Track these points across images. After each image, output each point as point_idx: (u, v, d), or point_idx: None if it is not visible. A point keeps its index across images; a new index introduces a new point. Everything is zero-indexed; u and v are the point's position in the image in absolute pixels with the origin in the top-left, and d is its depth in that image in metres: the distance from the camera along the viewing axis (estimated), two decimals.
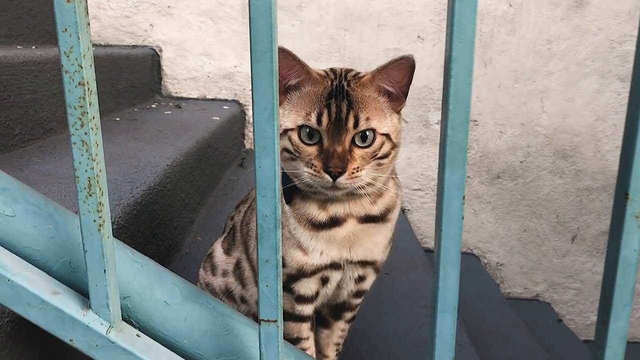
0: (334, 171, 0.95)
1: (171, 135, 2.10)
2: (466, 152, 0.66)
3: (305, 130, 0.98)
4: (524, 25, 2.99)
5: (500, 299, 2.98)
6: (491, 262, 3.41)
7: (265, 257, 0.68)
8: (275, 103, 0.63)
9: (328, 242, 1.07)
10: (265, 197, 0.66)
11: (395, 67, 0.99)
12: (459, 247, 0.70)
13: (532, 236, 3.34)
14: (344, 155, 0.96)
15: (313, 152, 0.98)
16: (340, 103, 0.97)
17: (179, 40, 3.01)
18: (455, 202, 0.67)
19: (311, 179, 0.98)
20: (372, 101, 1.01)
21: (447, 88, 0.64)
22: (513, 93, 3.09)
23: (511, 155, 3.20)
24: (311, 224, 1.06)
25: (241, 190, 2.46)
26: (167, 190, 1.63)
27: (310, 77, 1.01)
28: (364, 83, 1.01)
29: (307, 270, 1.08)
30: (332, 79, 1.02)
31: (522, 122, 3.14)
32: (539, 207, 3.29)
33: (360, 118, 0.98)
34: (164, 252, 1.63)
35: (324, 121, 0.97)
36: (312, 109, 0.98)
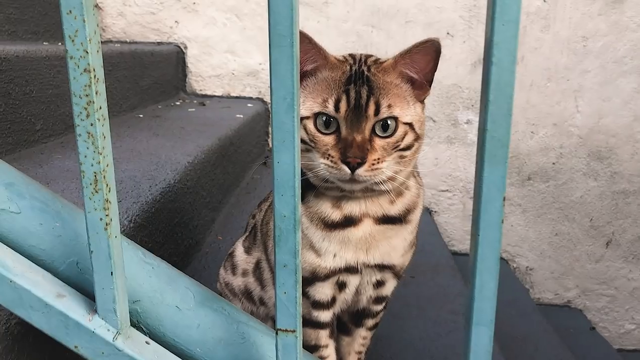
0: (352, 162, 0.88)
1: (193, 132, 2.07)
2: (508, 149, 0.59)
3: (322, 118, 0.91)
4: (558, 22, 2.88)
5: (530, 305, 2.89)
6: (520, 267, 3.30)
7: (283, 262, 0.62)
8: (295, 92, 0.58)
9: (342, 244, 1.00)
10: (283, 196, 0.60)
11: (419, 52, 0.92)
12: (498, 254, 0.63)
13: (564, 240, 3.22)
14: (364, 145, 0.90)
15: (330, 142, 0.91)
16: (360, 89, 0.90)
17: (204, 37, 2.99)
18: (494, 204, 0.60)
19: (327, 171, 0.91)
20: (395, 88, 0.94)
21: (487, 76, 0.57)
22: (546, 92, 2.98)
23: (543, 157, 3.09)
24: (324, 223, 1.00)
25: (264, 189, 2.42)
26: (188, 188, 1.59)
27: (327, 62, 0.94)
28: (386, 68, 0.94)
29: (321, 274, 1.01)
30: (350, 64, 0.95)
31: (554, 122, 3.03)
32: (572, 210, 3.17)
33: (382, 105, 0.91)
34: (183, 252, 1.59)
35: (342, 108, 0.90)
36: (330, 95, 0.91)
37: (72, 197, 1.20)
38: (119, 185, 1.34)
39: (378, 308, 1.17)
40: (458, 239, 3.23)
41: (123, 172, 1.46)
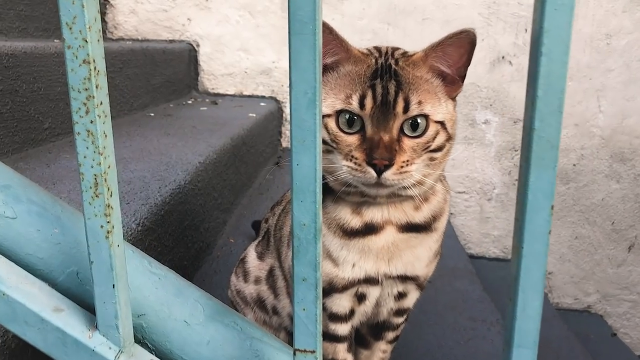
0: (379, 164, 0.80)
1: (205, 131, 2.01)
2: (557, 151, 0.52)
3: (345, 116, 0.84)
4: (580, 19, 2.78)
5: (549, 310, 2.80)
6: None
7: (302, 275, 0.56)
8: (318, 86, 0.51)
9: (361, 253, 0.93)
10: (303, 202, 0.54)
11: (452, 44, 0.84)
12: (544, 269, 0.56)
13: (584, 244, 3.13)
14: (392, 145, 0.82)
15: (354, 142, 0.84)
16: (387, 84, 0.83)
17: (217, 35, 2.93)
18: (541, 214, 0.53)
19: (351, 174, 0.83)
20: (425, 83, 0.86)
21: (535, 69, 0.50)
22: (567, 91, 2.86)
23: (563, 158, 3.00)
24: (342, 231, 0.92)
25: (277, 190, 2.36)
26: (199, 189, 1.53)
27: (350, 55, 0.87)
28: (415, 62, 0.87)
29: (338, 285, 0.94)
30: (376, 57, 0.88)
31: (576, 122, 2.93)
32: (593, 213, 3.08)
33: (411, 101, 0.83)
34: (193, 255, 1.53)
35: (367, 104, 0.83)
36: (354, 91, 0.84)
37: (78, 198, 1.15)
38: (127, 186, 1.28)
39: (399, 321, 1.10)
40: (475, 242, 3.15)
41: (132, 172, 1.41)
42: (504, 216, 3.10)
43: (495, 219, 3.12)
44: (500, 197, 3.08)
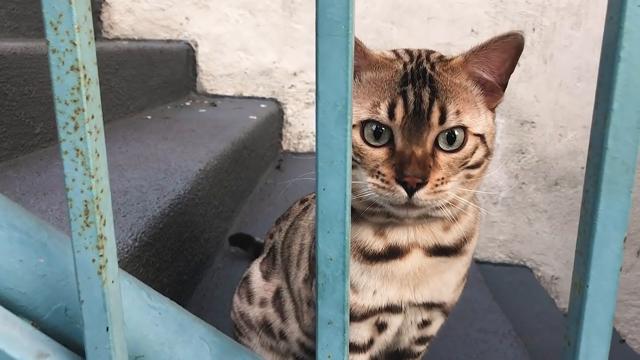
0: (410, 182, 0.71)
1: (205, 135, 1.93)
2: (634, 174, 0.44)
3: (371, 127, 0.74)
4: (590, 18, 2.71)
5: (558, 317, 2.75)
6: (545, 275, 3.15)
7: (328, 317, 0.48)
8: (349, 98, 0.43)
9: (384, 279, 0.84)
10: (330, 233, 0.46)
11: (497, 48, 0.75)
12: (612, 312, 0.48)
13: None
14: (425, 161, 0.72)
15: (381, 157, 0.74)
16: (421, 90, 0.74)
17: (216, 35, 2.85)
18: (612, 247, 0.46)
19: (377, 193, 0.74)
20: (463, 91, 0.76)
21: (610, 77, 0.42)
22: (575, 92, 2.81)
23: (571, 161, 2.92)
24: (363, 255, 0.83)
25: (278, 195, 2.28)
26: (199, 198, 1.45)
27: (370, 61, 0.78)
28: (454, 67, 0.78)
29: (357, 313, 0.85)
30: (405, 61, 0.78)
31: (584, 124, 2.86)
32: None
33: (448, 111, 0.74)
34: (193, 269, 1.44)
35: (397, 114, 0.73)
36: (381, 99, 0.74)
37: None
38: (123, 197, 1.20)
39: (420, 349, 1.01)
40: (480, 247, 3.07)
41: (129, 181, 1.32)
42: (510, 220, 3.03)
43: (501, 223, 3.05)
44: (507, 201, 3.00)
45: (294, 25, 2.80)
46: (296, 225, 1.06)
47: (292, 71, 2.85)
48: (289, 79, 2.87)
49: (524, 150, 2.92)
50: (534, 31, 2.75)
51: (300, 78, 2.86)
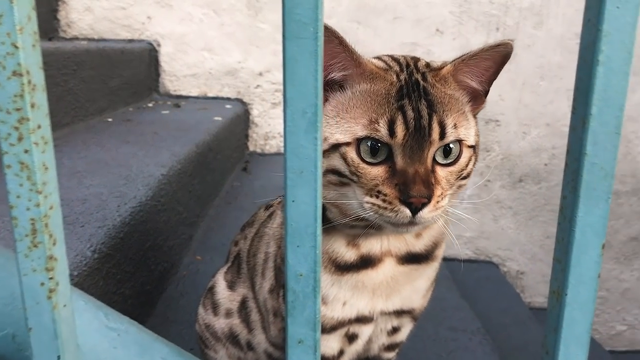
0: (416, 202, 0.68)
1: (168, 138, 1.87)
2: (613, 180, 0.43)
3: (367, 143, 0.70)
4: (552, 18, 2.75)
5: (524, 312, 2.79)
6: (511, 270, 3.20)
7: (298, 336, 0.45)
8: (319, 104, 0.40)
9: (354, 289, 0.81)
10: (300, 247, 0.43)
11: (488, 57, 0.73)
12: (590, 319, 0.47)
13: None
14: (428, 179, 0.69)
15: (380, 175, 0.70)
16: (417, 105, 0.70)
17: (179, 34, 2.78)
18: (590, 254, 0.44)
19: (376, 213, 0.70)
20: (455, 102, 0.74)
21: (588, 82, 0.41)
22: (538, 91, 2.86)
23: (535, 158, 2.98)
24: (335, 265, 0.80)
25: (245, 198, 2.24)
26: (162, 204, 1.40)
27: (363, 70, 0.73)
28: (445, 77, 0.75)
29: (326, 325, 0.82)
30: (397, 71, 0.75)
31: (547, 122, 2.91)
32: None
33: (447, 125, 0.71)
34: (157, 278, 1.39)
35: (398, 131, 0.69)
36: (379, 115, 0.70)
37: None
38: (81, 206, 1.14)
39: (390, 356, 0.99)
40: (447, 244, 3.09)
41: (87, 188, 1.26)
42: (476, 217, 3.07)
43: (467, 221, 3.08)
44: (472, 198, 3.03)
45: (260, 25, 2.76)
46: (261, 232, 1.03)
47: (257, 71, 2.81)
48: (254, 79, 2.82)
49: (489, 148, 2.96)
50: (497, 31, 2.78)
51: (266, 78, 2.82)
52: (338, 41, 0.69)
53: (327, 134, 0.71)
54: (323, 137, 0.70)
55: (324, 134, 0.71)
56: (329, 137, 0.72)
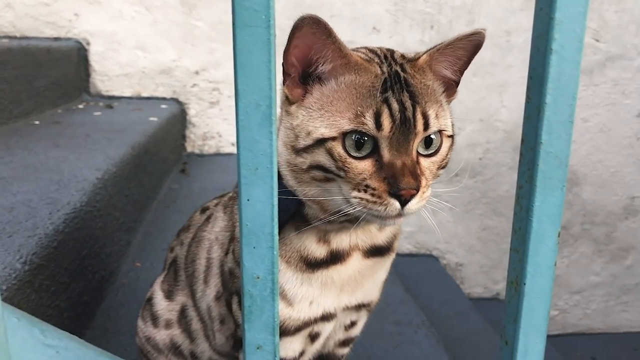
0: (406, 194, 0.67)
1: (102, 140, 1.78)
2: (567, 168, 0.43)
3: (353, 137, 0.69)
4: (483, 16, 2.84)
5: (465, 303, 2.88)
6: (451, 263, 3.29)
7: (257, 342, 0.43)
8: (273, 96, 0.38)
9: (323, 287, 0.80)
10: (256, 249, 0.41)
11: (463, 46, 0.74)
12: (548, 307, 0.47)
13: (491, 234, 3.24)
14: (415, 170, 0.69)
15: (367, 169, 0.69)
16: (401, 97, 0.70)
17: (109, 32, 2.66)
18: (547, 242, 0.44)
19: (365, 208, 0.69)
20: (433, 93, 0.73)
21: (542, 70, 0.41)
22: (472, 87, 2.95)
23: (470, 152, 3.07)
24: (306, 263, 0.79)
25: (184, 201, 2.18)
26: (98, 210, 1.33)
27: (348, 62, 0.71)
28: (422, 67, 0.74)
29: (290, 327, 0.81)
30: (378, 63, 0.74)
31: (481, 117, 3.01)
32: (499, 204, 3.18)
33: (430, 116, 0.71)
34: (95, 287, 1.32)
35: (385, 124, 0.68)
36: (365, 108, 0.69)
37: None
38: (8, 215, 1.06)
39: (344, 352, 0.99)
40: None
41: (14, 195, 1.18)
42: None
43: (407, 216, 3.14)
44: None
45: (194, 22, 2.68)
46: (199, 237, 0.99)
47: (193, 69, 2.73)
48: (190, 78, 2.75)
49: None
50: (432, 29, 2.84)
51: (202, 77, 2.75)
52: (327, 34, 0.68)
53: (311, 128, 0.69)
54: (306, 131, 0.68)
55: (307, 128, 0.69)
56: (313, 132, 0.69)
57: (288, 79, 0.72)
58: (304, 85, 0.72)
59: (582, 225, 3.22)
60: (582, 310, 3.46)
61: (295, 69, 0.71)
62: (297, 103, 0.72)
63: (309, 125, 0.70)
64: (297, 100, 0.72)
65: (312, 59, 0.70)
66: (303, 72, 0.72)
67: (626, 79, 3.02)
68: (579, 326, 3.46)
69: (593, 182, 3.15)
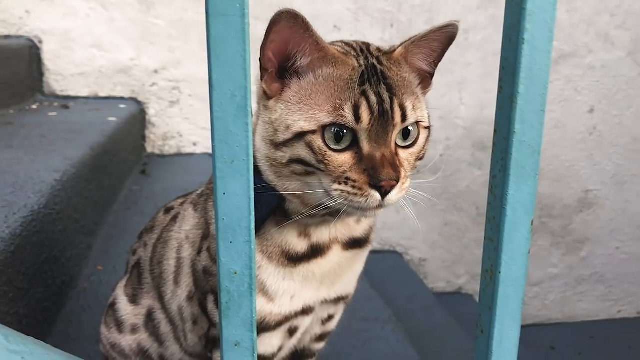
0: (386, 186, 0.68)
1: (59, 141, 1.73)
2: (539, 157, 0.44)
3: (332, 130, 0.69)
4: (442, 14, 2.89)
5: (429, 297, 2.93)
6: (414, 258, 3.33)
7: (235, 339, 0.42)
8: (248, 86, 0.37)
9: (305, 280, 0.80)
10: (233, 243, 0.40)
11: (437, 38, 0.75)
12: (522, 295, 0.48)
13: (453, 229, 3.30)
14: (394, 162, 0.70)
15: (347, 162, 0.70)
16: (378, 89, 0.70)
17: (64, 30, 2.57)
18: (521, 230, 0.45)
19: (346, 200, 0.69)
20: (409, 85, 0.75)
21: (514, 60, 0.41)
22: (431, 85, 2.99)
23: (431, 149, 3.06)
24: (287, 258, 0.79)
25: (146, 202, 2.13)
26: (57, 212, 1.28)
27: (326, 55, 0.71)
28: (398, 60, 0.75)
29: (271, 322, 0.81)
30: (355, 56, 0.74)
31: (441, 115, 3.06)
32: (460, 200, 3.25)
33: (407, 108, 0.72)
34: (55, 293, 1.27)
35: (364, 116, 0.69)
36: (343, 100, 0.69)
37: None
38: None
39: (319, 346, 0.99)
40: None
41: None
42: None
43: None
44: None
45: (153, 20, 2.63)
46: (166, 237, 0.97)
47: (153, 68, 2.68)
48: (149, 77, 2.69)
49: None
50: (392, 27, 2.87)
51: (162, 75, 2.70)
52: (305, 28, 0.68)
53: (290, 122, 0.69)
54: (285, 125, 0.68)
55: (286, 122, 0.69)
56: (292, 125, 0.69)
57: (265, 74, 0.72)
58: (282, 79, 0.72)
59: (540, 218, 3.31)
60: (541, 301, 3.55)
61: (273, 63, 0.71)
62: (275, 97, 0.72)
63: (288, 119, 0.70)
64: (275, 94, 0.72)
65: (290, 53, 0.70)
66: (280, 67, 0.72)
67: (578, 76, 3.13)
68: (539, 317, 3.56)
69: (549, 177, 3.24)
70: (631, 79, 3.19)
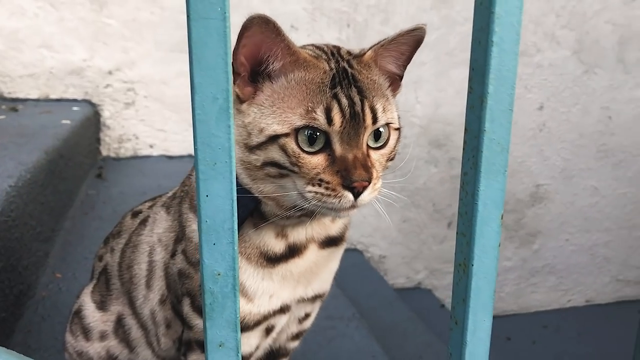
0: (359, 186, 0.70)
1: (10, 145, 1.66)
2: (508, 154, 0.46)
3: (305, 133, 0.70)
4: (396, 15, 2.94)
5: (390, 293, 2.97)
6: (374, 255, 3.37)
7: (219, 339, 0.42)
8: (230, 89, 0.38)
9: (283, 280, 0.82)
10: (217, 245, 0.40)
11: (406, 42, 0.77)
12: (494, 286, 0.50)
13: (411, 226, 3.36)
14: (367, 163, 0.72)
15: (320, 164, 0.71)
16: (349, 92, 0.72)
17: (10, 30, 2.48)
18: (491, 225, 0.47)
19: (319, 201, 0.71)
20: (379, 87, 0.77)
21: (484, 62, 0.43)
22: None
23: None
24: (266, 259, 0.80)
25: (103, 207, 2.08)
26: (12, 219, 1.24)
27: (297, 59, 0.73)
28: (368, 63, 0.77)
29: (250, 322, 0.82)
30: (326, 59, 0.75)
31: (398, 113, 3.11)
32: (417, 196, 3.31)
33: (377, 110, 0.73)
34: (12, 303, 1.23)
35: (336, 119, 0.70)
36: (315, 103, 0.70)
37: None
38: None
39: (294, 345, 1.00)
40: None
41: None
42: None
43: None
44: None
45: (106, 20, 2.56)
46: (135, 241, 0.96)
47: (106, 69, 2.61)
48: (103, 78, 2.62)
49: None
50: (349, 27, 2.90)
51: (116, 77, 2.63)
52: (276, 33, 0.69)
53: (263, 125, 0.70)
54: (259, 128, 0.68)
55: (259, 125, 0.69)
56: (266, 129, 0.70)
57: (238, 78, 0.73)
58: (254, 83, 0.73)
59: None
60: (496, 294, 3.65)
61: (245, 67, 0.72)
62: (248, 101, 0.73)
63: (261, 122, 0.70)
64: (248, 98, 0.73)
65: (262, 58, 0.71)
66: (253, 71, 0.73)
67: (527, 75, 3.24)
68: (495, 309, 3.57)
69: None
70: (576, 77, 3.32)
